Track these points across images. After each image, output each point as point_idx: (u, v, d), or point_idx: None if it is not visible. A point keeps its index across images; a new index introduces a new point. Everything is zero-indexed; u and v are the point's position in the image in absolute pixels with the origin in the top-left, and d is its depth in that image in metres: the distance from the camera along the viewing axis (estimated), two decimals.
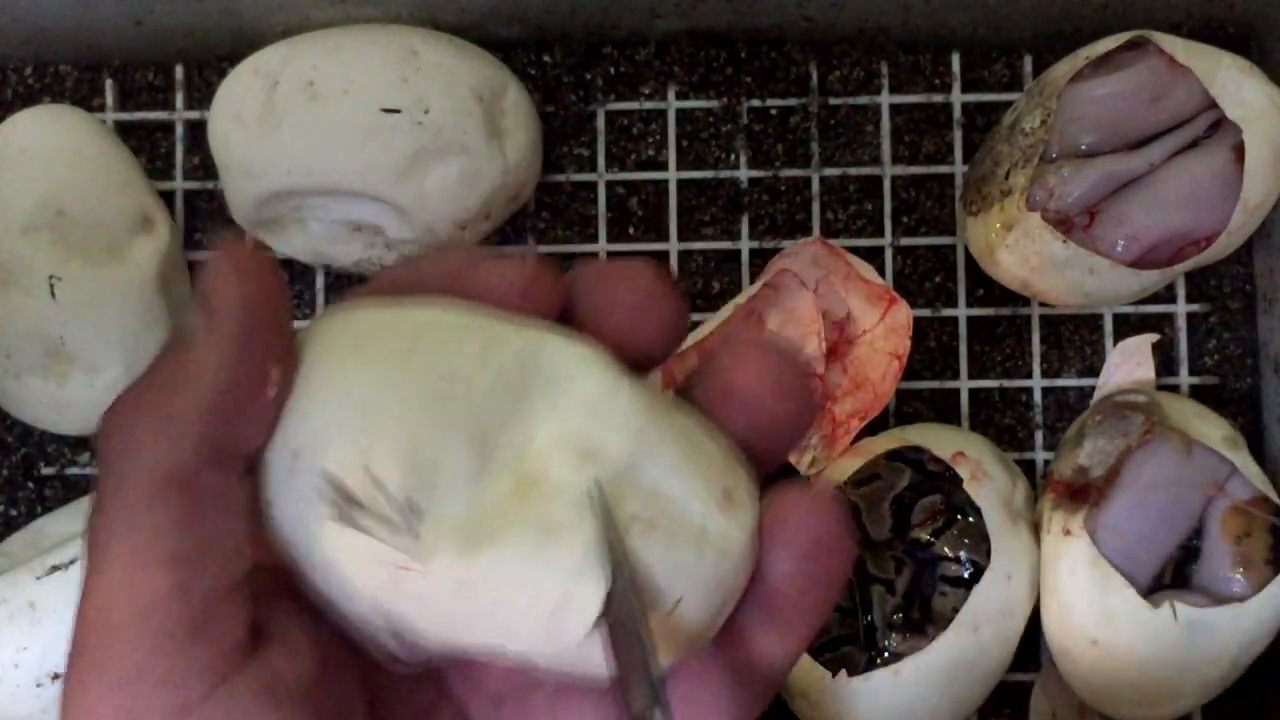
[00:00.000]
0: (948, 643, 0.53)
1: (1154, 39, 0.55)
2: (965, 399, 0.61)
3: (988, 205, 0.57)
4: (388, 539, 0.25)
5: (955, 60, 0.62)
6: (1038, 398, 0.61)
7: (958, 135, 0.62)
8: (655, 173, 0.62)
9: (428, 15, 0.59)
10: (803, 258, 0.58)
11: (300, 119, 0.56)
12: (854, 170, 0.62)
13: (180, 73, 0.62)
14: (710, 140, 0.62)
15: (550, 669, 0.27)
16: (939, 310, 0.61)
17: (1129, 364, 0.60)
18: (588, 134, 0.62)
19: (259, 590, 0.26)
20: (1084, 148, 0.56)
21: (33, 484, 0.61)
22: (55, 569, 0.53)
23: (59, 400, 0.57)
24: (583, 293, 0.28)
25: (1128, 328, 0.61)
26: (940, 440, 0.57)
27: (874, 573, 0.56)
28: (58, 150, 0.57)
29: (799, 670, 0.54)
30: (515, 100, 0.59)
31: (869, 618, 0.56)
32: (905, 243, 0.62)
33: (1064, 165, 0.55)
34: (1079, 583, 0.54)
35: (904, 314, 0.58)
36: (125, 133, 0.62)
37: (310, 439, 0.26)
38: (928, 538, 0.56)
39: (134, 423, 0.25)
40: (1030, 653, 0.58)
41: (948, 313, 0.61)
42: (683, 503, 0.26)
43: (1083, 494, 0.55)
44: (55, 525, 0.58)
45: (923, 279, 0.62)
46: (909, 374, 0.59)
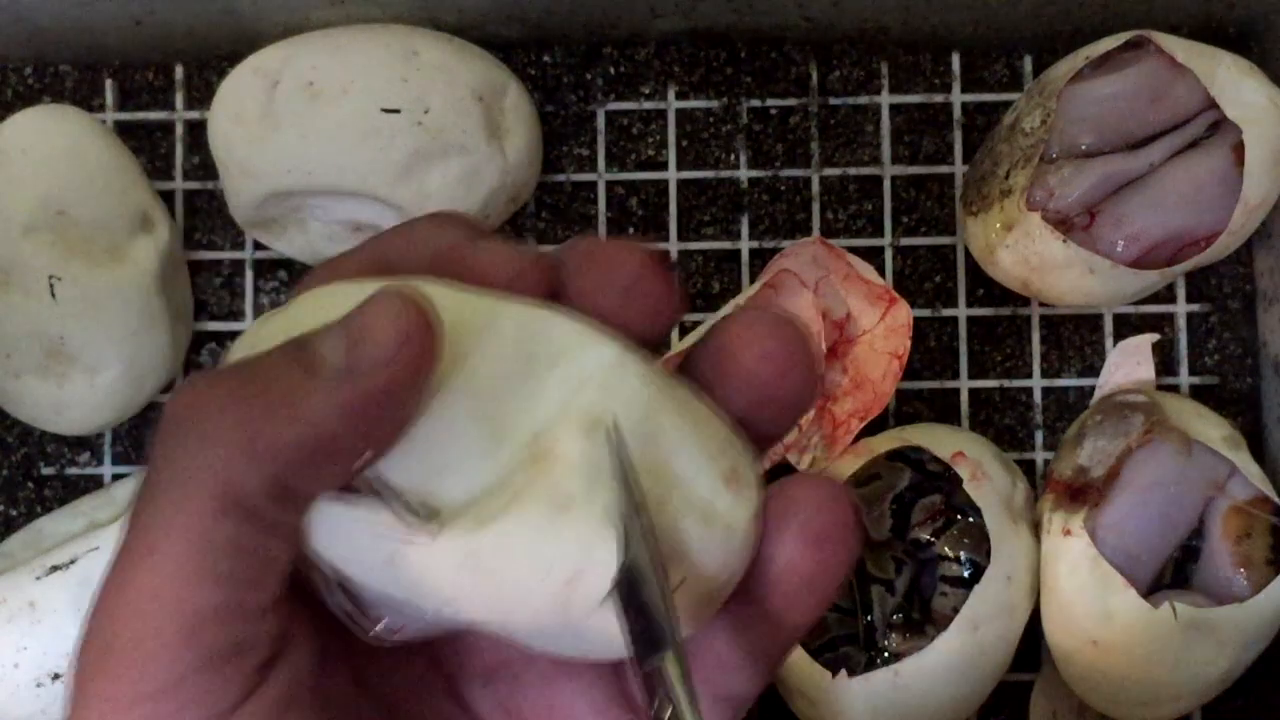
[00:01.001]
0: (947, 643, 0.53)
1: (1154, 39, 0.55)
2: (965, 399, 0.61)
3: (988, 205, 0.57)
4: (395, 514, 0.25)
5: (955, 60, 0.62)
6: (1038, 398, 0.61)
7: (958, 135, 0.62)
8: (655, 173, 0.62)
9: (428, 15, 0.59)
10: (803, 258, 0.58)
11: (300, 119, 0.56)
12: (854, 170, 0.62)
13: (180, 73, 0.62)
14: (710, 140, 0.62)
15: (549, 647, 0.26)
16: (939, 310, 0.61)
17: (1129, 364, 0.60)
18: (588, 134, 0.62)
19: None
20: (1084, 148, 0.56)
21: (32, 484, 0.61)
22: (55, 569, 0.53)
23: (58, 400, 0.57)
24: (572, 273, 0.27)
25: (1128, 328, 0.61)
26: (940, 440, 0.57)
27: (874, 573, 0.56)
28: (58, 150, 0.57)
29: (799, 670, 0.54)
30: (515, 100, 0.59)
31: (869, 618, 0.56)
32: (905, 243, 0.62)
33: (1064, 165, 0.55)
34: (1079, 583, 0.54)
35: (904, 314, 0.58)
36: (125, 133, 0.62)
37: None
38: (928, 538, 0.56)
39: (217, 430, 0.24)
40: (1030, 653, 0.58)
41: (948, 313, 0.61)
42: (690, 480, 0.26)
43: (1083, 494, 0.55)
44: (55, 525, 0.58)
45: (923, 279, 0.62)
46: (909, 374, 0.59)
